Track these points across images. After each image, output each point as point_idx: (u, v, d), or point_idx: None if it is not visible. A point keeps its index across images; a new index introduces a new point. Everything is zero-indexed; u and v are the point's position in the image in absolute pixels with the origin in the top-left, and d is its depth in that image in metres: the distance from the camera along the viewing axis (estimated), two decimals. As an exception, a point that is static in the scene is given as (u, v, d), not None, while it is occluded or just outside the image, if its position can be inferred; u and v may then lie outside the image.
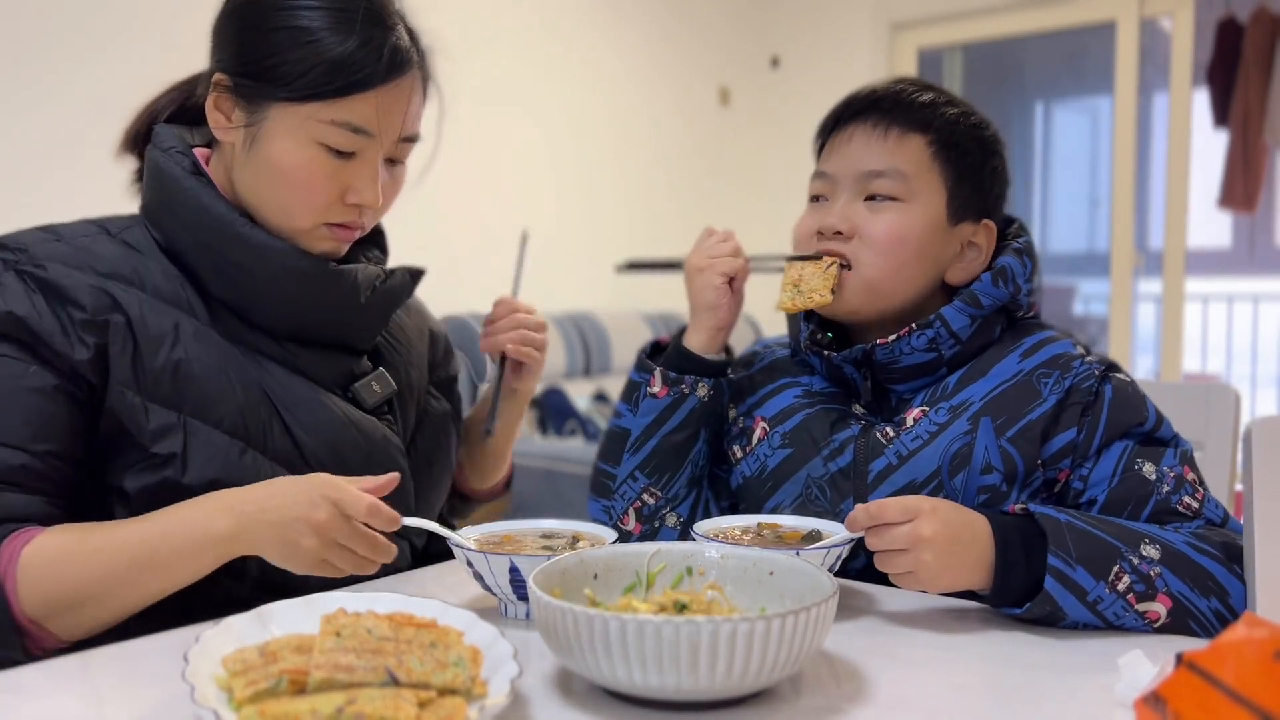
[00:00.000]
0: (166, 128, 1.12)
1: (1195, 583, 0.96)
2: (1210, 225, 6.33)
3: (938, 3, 4.81)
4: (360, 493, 0.93)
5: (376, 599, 0.79)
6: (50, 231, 1.06)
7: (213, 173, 1.11)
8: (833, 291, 1.12)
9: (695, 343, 1.21)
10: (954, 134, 1.15)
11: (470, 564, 0.95)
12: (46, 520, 0.96)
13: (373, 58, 1.03)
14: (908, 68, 4.94)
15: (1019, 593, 0.94)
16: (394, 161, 1.12)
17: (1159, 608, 0.94)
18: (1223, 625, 0.95)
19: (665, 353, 1.24)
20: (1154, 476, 1.06)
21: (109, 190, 1.23)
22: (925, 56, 5.05)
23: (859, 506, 0.94)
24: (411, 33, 1.10)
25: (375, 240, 1.25)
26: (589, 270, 4.20)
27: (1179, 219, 4.35)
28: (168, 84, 1.19)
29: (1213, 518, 1.06)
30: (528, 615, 0.95)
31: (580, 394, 3.60)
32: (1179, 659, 0.62)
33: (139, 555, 0.92)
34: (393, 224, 1.26)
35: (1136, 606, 0.94)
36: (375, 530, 0.93)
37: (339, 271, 1.10)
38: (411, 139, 1.13)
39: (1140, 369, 5.69)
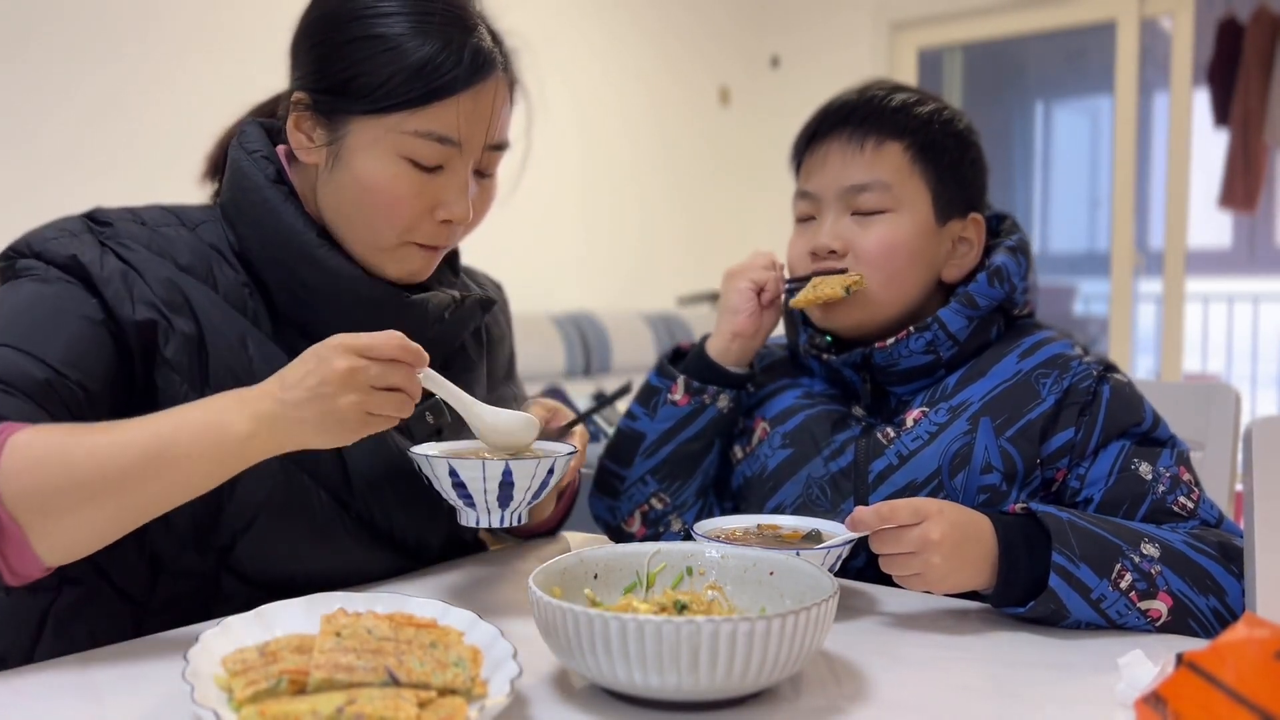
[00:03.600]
0: (255, 126, 1.08)
1: (1194, 581, 0.96)
2: (1210, 225, 6.33)
3: (938, 3, 4.81)
4: (379, 333, 0.86)
5: (376, 599, 0.79)
6: (133, 214, 1.03)
7: (295, 182, 1.06)
8: (847, 291, 1.13)
9: (713, 348, 1.21)
10: (929, 134, 1.16)
11: (455, 473, 0.93)
12: None
13: (453, 61, 0.98)
14: (908, 67, 4.95)
15: (1021, 592, 0.94)
16: (483, 174, 1.07)
17: (1160, 606, 0.94)
18: (1221, 624, 0.95)
19: (687, 359, 1.23)
20: (1150, 476, 1.06)
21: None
22: (925, 56, 5.06)
23: (868, 508, 0.94)
24: (494, 34, 1.05)
25: (448, 259, 1.19)
26: (589, 270, 4.20)
27: (1179, 219, 4.35)
28: (248, 106, 1.15)
29: (1208, 518, 1.06)
30: (502, 521, 0.97)
31: (580, 394, 3.60)
32: (1179, 659, 0.62)
33: (147, 451, 0.83)
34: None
35: (1139, 605, 0.94)
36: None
37: (411, 302, 1.05)
38: (500, 147, 1.06)
39: (1140, 369, 5.69)
